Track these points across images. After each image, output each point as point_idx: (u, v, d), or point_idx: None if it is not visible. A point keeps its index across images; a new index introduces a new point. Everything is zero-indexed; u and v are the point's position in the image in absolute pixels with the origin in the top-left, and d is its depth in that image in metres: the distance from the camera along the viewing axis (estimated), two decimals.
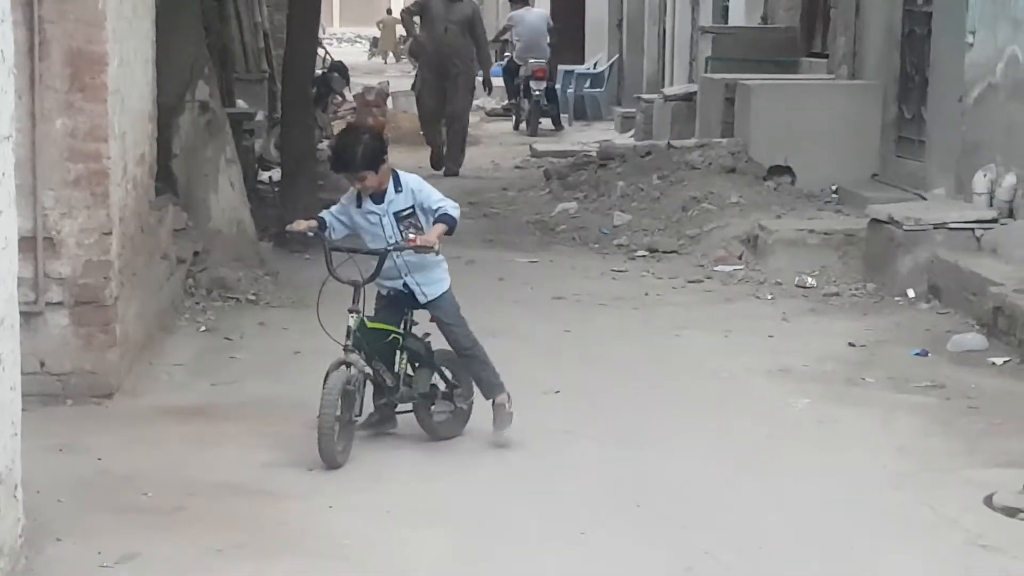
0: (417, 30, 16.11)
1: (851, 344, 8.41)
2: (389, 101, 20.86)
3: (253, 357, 8.05)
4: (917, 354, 8.17)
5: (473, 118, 22.35)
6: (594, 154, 15.06)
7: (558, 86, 22.76)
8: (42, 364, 6.86)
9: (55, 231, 6.90)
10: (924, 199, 10.87)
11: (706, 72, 16.04)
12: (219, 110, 10.14)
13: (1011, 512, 5.62)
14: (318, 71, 16.99)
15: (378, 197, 6.24)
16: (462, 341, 6.42)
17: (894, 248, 9.67)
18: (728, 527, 5.50)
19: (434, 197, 6.27)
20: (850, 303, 9.57)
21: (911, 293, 9.43)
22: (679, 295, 9.97)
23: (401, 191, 6.23)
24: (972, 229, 9.47)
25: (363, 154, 6.15)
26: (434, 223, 6.18)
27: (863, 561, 5.21)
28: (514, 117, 22.67)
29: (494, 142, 20.71)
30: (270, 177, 13.65)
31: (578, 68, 24.26)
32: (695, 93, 16.15)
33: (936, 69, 11.49)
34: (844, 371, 7.87)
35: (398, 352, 6.34)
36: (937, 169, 11.23)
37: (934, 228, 9.54)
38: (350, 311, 6.12)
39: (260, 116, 14.19)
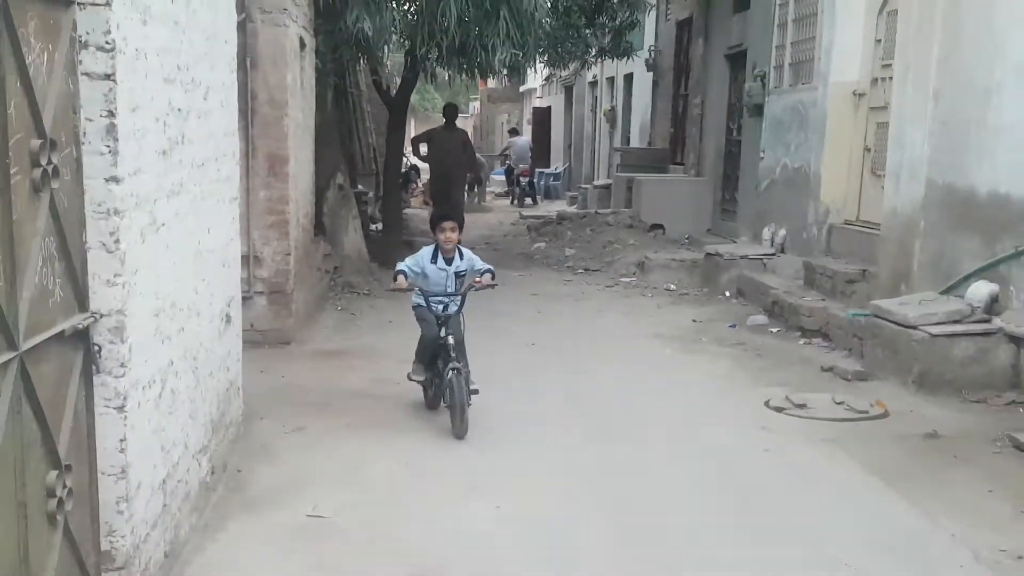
0: (423, 150, 13.72)
1: (694, 320, 8.42)
2: None
3: (367, 323, 8.03)
4: (731, 327, 8.16)
5: (487, 198, 22.44)
6: (555, 217, 14.99)
7: (536, 180, 22.81)
8: (252, 325, 6.91)
9: (259, 252, 6.95)
10: (735, 243, 10.90)
11: (617, 172, 16.04)
12: (349, 189, 10.10)
13: (779, 410, 5.67)
14: (404, 169, 17.06)
15: (447, 260, 5.43)
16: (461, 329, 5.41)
17: (719, 269, 9.71)
18: (623, 411, 5.54)
19: (481, 265, 5.48)
20: (694, 298, 9.55)
21: (727, 294, 9.47)
22: (601, 294, 9.94)
23: (463, 259, 5.44)
24: (761, 259, 9.50)
25: (460, 218, 5.70)
26: (482, 274, 5.44)
27: (695, 431, 5.22)
28: (510, 197, 22.69)
29: (499, 211, 20.50)
30: (376, 227, 13.61)
31: (547, 169, 24.14)
32: (611, 184, 16.18)
33: (743, 171, 11.52)
34: (691, 335, 7.86)
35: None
36: (743, 226, 11.28)
37: (740, 258, 9.58)
38: (449, 334, 5.26)
39: (371, 194, 14.21)
